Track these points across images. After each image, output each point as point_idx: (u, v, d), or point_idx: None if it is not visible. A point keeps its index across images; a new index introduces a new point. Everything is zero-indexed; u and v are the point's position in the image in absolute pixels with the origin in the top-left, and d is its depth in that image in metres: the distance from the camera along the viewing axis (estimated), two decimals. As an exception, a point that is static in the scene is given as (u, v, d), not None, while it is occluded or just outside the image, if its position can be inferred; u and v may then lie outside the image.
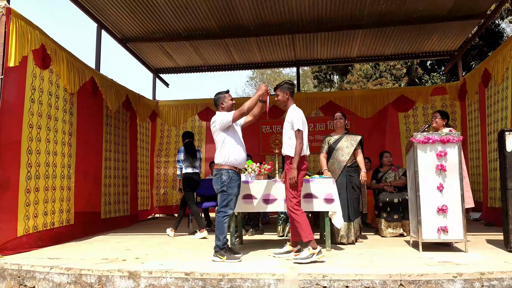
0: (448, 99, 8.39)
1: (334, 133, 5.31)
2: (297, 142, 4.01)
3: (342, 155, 5.07)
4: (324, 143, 5.26)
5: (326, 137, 5.30)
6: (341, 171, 5.04)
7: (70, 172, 5.70)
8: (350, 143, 5.12)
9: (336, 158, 5.09)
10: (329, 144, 5.20)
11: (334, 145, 5.14)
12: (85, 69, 6.00)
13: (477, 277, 3.18)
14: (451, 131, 4.24)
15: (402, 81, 16.32)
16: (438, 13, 6.89)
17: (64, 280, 3.63)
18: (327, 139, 5.25)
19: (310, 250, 3.85)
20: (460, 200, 4.06)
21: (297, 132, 4.03)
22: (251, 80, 27.37)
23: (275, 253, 4.17)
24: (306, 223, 3.99)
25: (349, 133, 5.27)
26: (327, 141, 5.24)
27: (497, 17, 13.15)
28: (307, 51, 8.68)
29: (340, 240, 4.94)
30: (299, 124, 4.02)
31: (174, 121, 9.44)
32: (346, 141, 5.13)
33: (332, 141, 5.19)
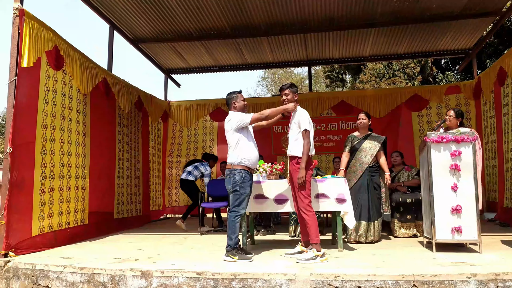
0: (463, 98, 8.24)
1: (357, 133, 5.28)
2: (305, 142, 4.03)
3: (365, 156, 5.06)
4: (347, 142, 5.23)
5: (349, 136, 5.27)
6: (363, 172, 5.03)
7: (85, 172, 5.77)
8: (374, 144, 5.10)
9: (359, 159, 5.07)
10: (353, 144, 5.17)
11: (358, 146, 5.13)
12: (97, 70, 6.07)
13: (491, 278, 3.11)
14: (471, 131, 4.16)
15: (415, 80, 16.10)
16: (452, 11, 6.78)
17: (78, 280, 3.67)
18: (351, 138, 5.23)
19: (314, 252, 3.88)
20: (474, 200, 3.98)
21: (304, 132, 4.04)
22: (263, 80, 27.38)
23: (286, 254, 4.17)
24: (316, 225, 4.01)
25: (373, 134, 5.24)
26: (351, 140, 5.21)
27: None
28: (319, 51, 8.63)
29: (359, 239, 4.93)
30: (306, 124, 4.05)
31: (186, 122, 9.48)
32: (370, 142, 5.11)
33: (356, 141, 5.17)
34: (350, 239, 4.99)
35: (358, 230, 4.95)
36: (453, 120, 4.70)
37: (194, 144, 9.57)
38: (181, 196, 9.45)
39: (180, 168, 9.50)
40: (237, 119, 4.12)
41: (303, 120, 4.08)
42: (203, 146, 9.53)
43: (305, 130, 4.04)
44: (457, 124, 4.68)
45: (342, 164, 5.14)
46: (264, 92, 26.90)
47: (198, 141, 9.58)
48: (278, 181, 4.70)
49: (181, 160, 9.52)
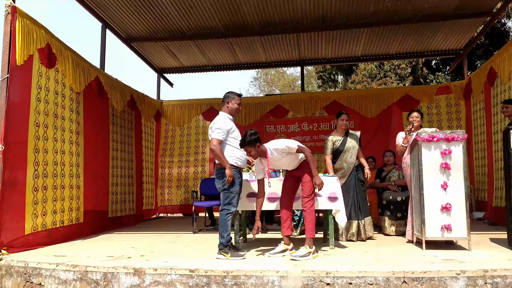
0: (453, 98, 8.35)
1: (335, 133, 5.29)
2: (306, 153, 4.13)
3: (350, 156, 5.13)
4: (328, 144, 5.21)
5: (329, 138, 5.25)
6: (350, 172, 5.10)
7: (79, 171, 5.75)
8: (354, 142, 5.18)
9: (345, 160, 5.13)
10: (335, 145, 5.19)
11: (342, 147, 5.16)
12: (90, 68, 6.05)
13: (480, 275, 3.18)
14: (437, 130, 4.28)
15: (406, 80, 16.26)
16: (444, 11, 6.86)
17: (70, 277, 3.67)
18: (333, 140, 5.21)
19: (307, 249, 3.94)
20: (464, 198, 4.05)
21: (300, 147, 4.10)
22: (255, 80, 27.40)
23: (270, 254, 4.15)
24: (314, 221, 4.15)
25: (349, 131, 5.28)
26: (332, 142, 5.21)
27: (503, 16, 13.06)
28: (312, 50, 8.69)
29: (350, 238, 4.99)
30: (292, 144, 4.07)
31: (179, 121, 9.46)
32: (351, 141, 5.18)
33: (338, 143, 5.19)
34: (342, 238, 5.04)
35: (350, 229, 5.02)
36: (420, 120, 4.88)
37: (187, 144, 9.57)
38: (173, 196, 9.45)
39: (173, 167, 9.50)
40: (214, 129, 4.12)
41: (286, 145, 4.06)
42: (195, 145, 9.54)
43: (298, 146, 4.09)
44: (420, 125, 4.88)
45: (330, 168, 5.13)
46: (257, 92, 26.94)
47: (190, 140, 9.58)
48: (271, 180, 4.72)
49: (174, 160, 9.52)
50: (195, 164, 9.45)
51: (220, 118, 4.23)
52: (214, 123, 4.19)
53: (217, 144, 4.08)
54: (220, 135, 4.10)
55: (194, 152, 9.50)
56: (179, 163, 9.51)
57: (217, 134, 4.10)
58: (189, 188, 9.33)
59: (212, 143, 4.09)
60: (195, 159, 9.46)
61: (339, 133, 5.26)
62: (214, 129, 4.14)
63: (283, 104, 9.05)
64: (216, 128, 4.13)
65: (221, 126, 4.14)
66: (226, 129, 4.13)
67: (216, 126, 4.14)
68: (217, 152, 4.07)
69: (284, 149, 4.07)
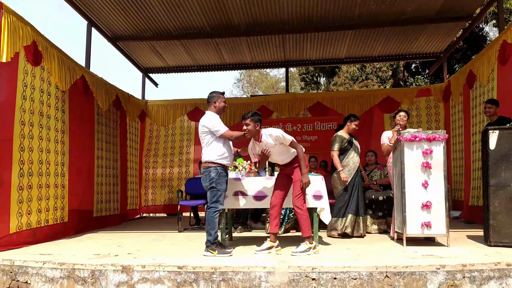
0: (433, 100, 8.61)
1: (342, 132, 5.42)
2: (298, 149, 4.18)
3: (357, 155, 5.35)
4: (337, 141, 5.32)
5: (339, 135, 5.38)
6: (356, 170, 5.29)
7: (64, 170, 5.70)
8: (358, 143, 5.45)
9: (352, 158, 5.31)
10: (343, 143, 5.33)
11: (349, 146, 5.33)
12: (75, 67, 6.01)
13: (459, 269, 3.33)
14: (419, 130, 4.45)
15: (387, 83, 16.62)
16: (426, 15, 7.08)
17: (57, 275, 3.66)
18: (342, 138, 5.35)
19: (307, 245, 4.05)
20: (444, 196, 4.22)
21: (293, 142, 4.17)
22: (238, 82, 27.46)
23: (256, 250, 4.21)
24: (308, 219, 4.21)
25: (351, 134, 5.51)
26: (341, 139, 5.34)
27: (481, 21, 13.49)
28: (297, 52, 8.81)
29: (345, 230, 5.14)
30: (288, 136, 4.15)
31: (163, 121, 9.45)
32: (356, 142, 5.43)
33: (346, 142, 5.34)
34: (332, 233, 5.19)
35: (344, 222, 5.16)
36: (406, 120, 5.06)
37: (172, 144, 9.56)
38: (157, 196, 9.42)
39: (158, 167, 9.48)
40: (213, 125, 4.18)
41: (281, 136, 4.12)
42: (180, 145, 9.54)
43: (291, 141, 4.15)
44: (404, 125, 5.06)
45: (339, 163, 5.25)
46: (240, 93, 27.01)
47: (175, 140, 9.57)
48: (257, 178, 4.81)
49: (158, 160, 9.49)
50: (180, 165, 9.45)
51: (211, 116, 4.28)
52: (207, 122, 4.22)
53: (229, 132, 4.19)
54: (224, 127, 4.20)
55: (179, 153, 9.50)
56: (164, 163, 9.49)
57: (221, 127, 4.19)
58: (173, 188, 9.32)
59: (227, 136, 4.18)
60: (180, 159, 9.46)
61: (347, 133, 5.41)
62: (214, 125, 4.17)
63: (268, 105, 9.16)
64: (218, 123, 4.19)
65: (218, 120, 4.23)
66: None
67: (212, 124, 4.19)
68: (236, 135, 4.18)
69: (278, 136, 4.12)
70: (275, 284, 3.42)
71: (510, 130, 4.07)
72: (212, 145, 4.20)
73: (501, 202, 4.04)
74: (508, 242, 4.02)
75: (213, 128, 4.18)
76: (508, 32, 5.29)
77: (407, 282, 3.32)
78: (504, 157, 4.03)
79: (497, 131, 4.06)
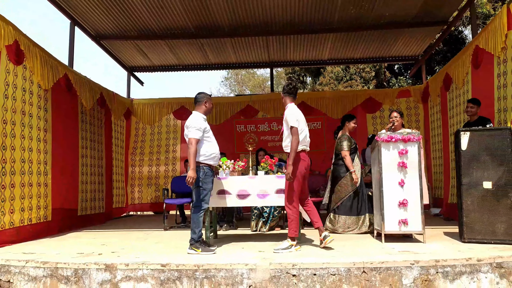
0: (412, 101, 8.83)
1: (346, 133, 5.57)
2: (293, 139, 4.13)
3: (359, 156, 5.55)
4: (349, 141, 5.44)
5: (347, 136, 5.50)
6: (361, 170, 5.51)
7: (47, 169, 5.69)
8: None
9: (358, 157, 5.54)
10: (352, 144, 5.49)
11: (356, 146, 5.54)
12: (58, 66, 5.99)
13: (432, 264, 3.48)
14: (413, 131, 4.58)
15: (370, 83, 16.91)
16: (404, 20, 7.29)
17: (40, 274, 3.68)
18: (350, 137, 5.50)
19: (289, 242, 4.17)
20: (419, 194, 4.38)
21: (291, 129, 4.16)
22: (226, 80, 27.48)
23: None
24: (296, 221, 4.23)
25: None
26: (350, 138, 5.49)
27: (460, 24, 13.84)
28: (281, 53, 8.93)
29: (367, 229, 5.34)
30: (292, 121, 4.16)
31: (149, 120, 9.44)
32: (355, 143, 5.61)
33: (353, 141, 5.53)
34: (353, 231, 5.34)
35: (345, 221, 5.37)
36: (400, 120, 5.16)
37: (158, 142, 9.57)
38: (144, 194, 9.42)
39: (144, 166, 9.48)
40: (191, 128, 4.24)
41: (289, 117, 4.17)
42: (166, 144, 9.56)
43: (291, 127, 4.14)
44: (401, 124, 5.15)
45: (351, 164, 5.34)
46: (227, 92, 27.04)
47: (161, 139, 9.59)
48: (241, 177, 4.90)
49: (144, 158, 9.50)
50: (166, 163, 9.47)
51: (196, 118, 4.36)
52: (189, 124, 4.30)
53: (194, 144, 4.20)
54: (197, 135, 4.23)
55: (165, 151, 9.52)
56: (150, 162, 9.49)
57: (195, 133, 4.22)
58: (159, 186, 9.33)
59: (190, 142, 4.20)
60: (166, 157, 9.48)
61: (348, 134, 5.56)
62: (191, 129, 4.25)
63: (253, 104, 9.25)
64: (193, 128, 4.24)
65: (198, 125, 4.27)
66: (202, 129, 4.28)
67: (193, 126, 4.26)
68: (191, 151, 4.18)
69: (287, 113, 4.22)
70: (256, 280, 3.52)
71: (480, 132, 4.26)
72: (199, 145, 4.28)
73: (474, 200, 4.22)
74: (481, 238, 4.20)
75: (189, 129, 4.26)
76: (480, 37, 5.49)
77: (383, 277, 3.46)
78: (474, 157, 4.22)
79: (468, 133, 4.24)
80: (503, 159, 4.11)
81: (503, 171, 4.10)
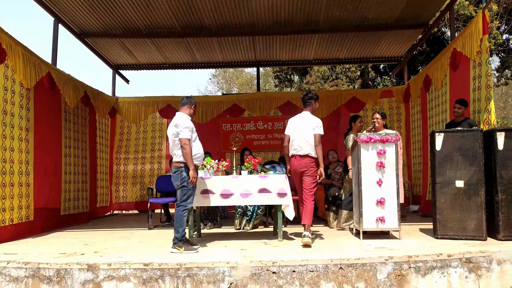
0: (395, 101, 9.01)
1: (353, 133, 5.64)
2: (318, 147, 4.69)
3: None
4: (351, 141, 5.53)
5: (351, 136, 5.58)
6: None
7: (29, 169, 5.67)
8: None
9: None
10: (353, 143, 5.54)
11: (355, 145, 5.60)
12: (41, 64, 5.97)
13: (405, 260, 3.63)
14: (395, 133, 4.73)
15: (356, 83, 17.13)
16: (386, 22, 7.44)
17: (22, 274, 3.70)
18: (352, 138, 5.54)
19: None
20: (396, 193, 4.53)
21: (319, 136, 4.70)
22: (214, 77, 27.45)
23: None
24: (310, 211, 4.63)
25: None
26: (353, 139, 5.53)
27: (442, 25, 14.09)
28: (267, 53, 9.00)
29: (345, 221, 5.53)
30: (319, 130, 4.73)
31: (135, 118, 9.42)
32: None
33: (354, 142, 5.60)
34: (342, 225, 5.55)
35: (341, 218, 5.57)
36: (381, 121, 5.28)
37: (143, 141, 9.56)
38: (128, 193, 9.42)
39: (129, 164, 9.46)
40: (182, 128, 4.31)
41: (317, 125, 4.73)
42: (152, 142, 9.56)
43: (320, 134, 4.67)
44: (383, 125, 5.27)
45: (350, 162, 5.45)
46: (215, 89, 27.01)
47: (147, 137, 9.58)
48: (224, 177, 4.98)
49: (129, 157, 9.48)
50: (151, 161, 9.47)
51: (184, 118, 4.43)
52: (179, 123, 4.35)
53: (189, 143, 4.28)
54: (189, 135, 4.30)
55: (151, 149, 9.52)
56: (135, 160, 9.48)
57: (187, 133, 4.29)
58: (145, 185, 9.34)
59: (184, 143, 4.26)
60: (152, 156, 9.49)
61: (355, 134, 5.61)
62: (182, 129, 4.29)
63: (239, 103, 9.32)
64: (184, 128, 4.30)
65: (190, 125, 4.35)
66: (191, 128, 4.36)
67: (184, 126, 4.32)
68: (187, 152, 4.25)
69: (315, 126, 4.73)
70: (238, 278, 3.61)
71: (454, 133, 4.43)
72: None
73: (447, 198, 4.39)
74: (453, 234, 4.37)
75: (179, 129, 4.31)
76: (458, 41, 5.67)
77: (359, 272, 3.59)
78: (448, 157, 4.39)
79: (442, 134, 4.41)
80: (474, 159, 4.29)
81: (474, 171, 4.28)
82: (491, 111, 4.83)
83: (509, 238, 4.18)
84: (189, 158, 4.27)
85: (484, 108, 4.98)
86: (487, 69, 4.95)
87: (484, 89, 5.00)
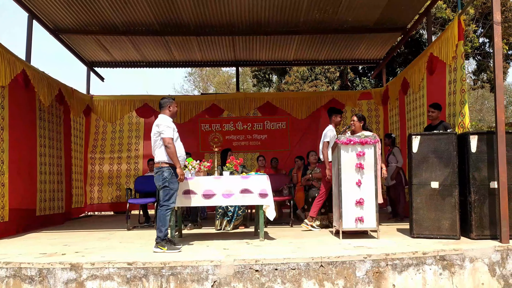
0: (373, 103, 9.23)
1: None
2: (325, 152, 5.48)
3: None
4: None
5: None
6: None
7: (3, 168, 5.52)
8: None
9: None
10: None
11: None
12: (16, 61, 5.80)
13: (383, 258, 3.77)
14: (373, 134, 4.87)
15: (335, 84, 17.38)
16: (365, 25, 7.60)
17: (3, 274, 3.63)
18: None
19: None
20: (374, 194, 4.67)
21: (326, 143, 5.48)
22: (190, 75, 27.17)
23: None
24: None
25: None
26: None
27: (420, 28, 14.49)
28: (246, 53, 9.01)
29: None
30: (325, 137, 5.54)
31: (110, 117, 9.22)
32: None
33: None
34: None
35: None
36: (357, 123, 5.42)
37: (119, 140, 9.39)
38: (104, 194, 9.23)
39: (104, 164, 9.28)
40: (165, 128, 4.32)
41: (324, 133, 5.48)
42: (128, 142, 9.40)
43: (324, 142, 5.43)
44: (360, 127, 5.41)
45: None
46: (191, 88, 26.79)
47: (123, 137, 9.41)
48: (206, 178, 5.00)
49: (105, 157, 9.29)
50: (128, 161, 9.32)
51: (165, 118, 4.43)
52: (160, 123, 4.35)
53: (172, 142, 4.30)
54: (171, 134, 4.31)
55: (127, 149, 9.36)
56: (111, 160, 9.30)
57: (169, 132, 4.30)
58: (121, 185, 9.17)
59: (167, 142, 4.27)
60: (128, 156, 9.32)
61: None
62: (163, 128, 4.29)
63: (219, 103, 9.31)
64: (166, 127, 4.30)
65: (171, 125, 4.36)
66: (173, 128, 4.37)
67: (166, 125, 4.32)
68: (172, 151, 4.27)
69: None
70: (221, 276, 3.65)
71: (429, 136, 4.62)
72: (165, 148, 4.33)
73: (422, 199, 4.57)
74: (428, 234, 4.56)
75: (161, 129, 4.32)
76: (434, 46, 5.88)
77: (339, 270, 3.70)
78: (424, 160, 4.57)
79: (419, 137, 4.59)
80: (449, 161, 4.49)
81: (448, 172, 4.48)
82: (466, 115, 5.04)
83: (481, 237, 4.38)
84: (174, 156, 4.29)
85: (459, 111, 5.20)
86: (462, 74, 5.16)
87: (459, 93, 5.22)
